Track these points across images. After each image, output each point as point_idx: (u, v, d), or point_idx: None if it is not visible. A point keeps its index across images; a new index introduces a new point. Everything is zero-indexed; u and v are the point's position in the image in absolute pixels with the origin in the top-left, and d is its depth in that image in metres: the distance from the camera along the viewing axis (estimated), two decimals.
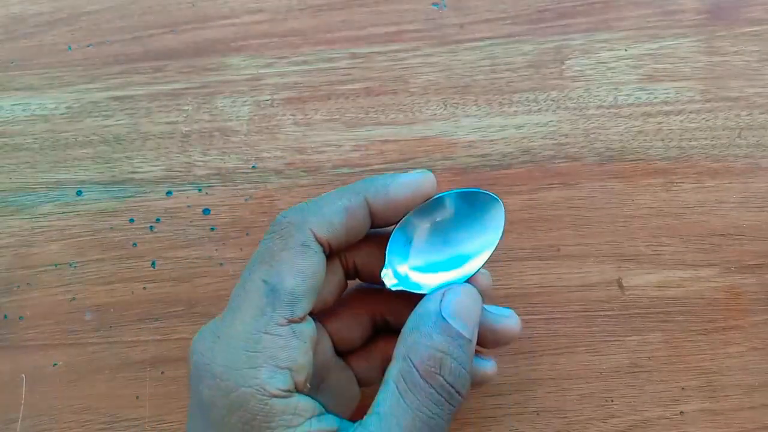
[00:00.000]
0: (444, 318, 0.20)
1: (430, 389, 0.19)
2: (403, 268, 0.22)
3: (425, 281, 0.22)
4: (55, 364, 0.29)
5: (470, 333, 0.20)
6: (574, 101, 0.30)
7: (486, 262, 0.22)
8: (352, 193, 0.21)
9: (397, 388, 0.19)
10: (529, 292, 0.28)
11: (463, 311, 0.20)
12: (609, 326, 0.28)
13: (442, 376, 0.19)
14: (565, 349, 0.28)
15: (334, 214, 0.21)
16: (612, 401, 0.28)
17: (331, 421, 0.19)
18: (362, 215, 0.21)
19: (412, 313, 0.21)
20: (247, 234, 0.30)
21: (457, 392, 0.20)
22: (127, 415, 0.29)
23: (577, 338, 0.28)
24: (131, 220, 0.30)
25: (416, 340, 0.20)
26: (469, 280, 0.22)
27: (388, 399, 0.19)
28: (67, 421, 0.29)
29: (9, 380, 0.29)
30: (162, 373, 0.29)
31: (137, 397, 0.29)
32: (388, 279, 0.22)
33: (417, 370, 0.19)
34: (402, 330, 0.21)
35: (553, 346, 0.28)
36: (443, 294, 0.21)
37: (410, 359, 0.19)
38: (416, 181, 0.21)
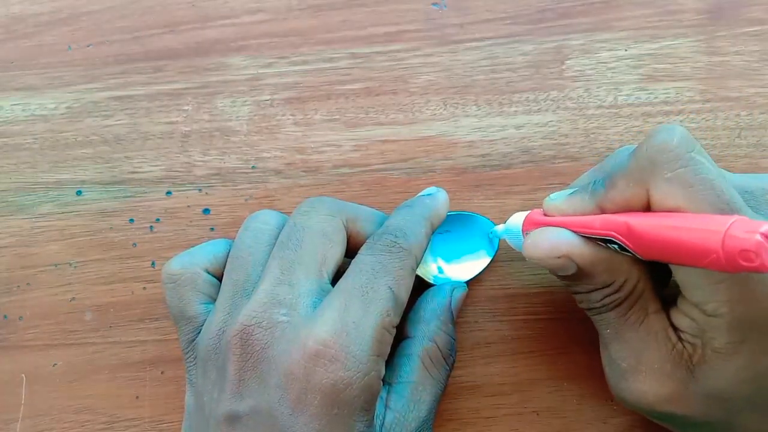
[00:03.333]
0: (452, 311, 0.26)
1: (447, 366, 0.25)
2: (435, 264, 0.28)
3: (450, 274, 0.28)
4: (55, 364, 0.29)
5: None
6: (574, 101, 0.30)
7: (483, 271, 0.28)
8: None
9: (423, 363, 0.25)
10: (529, 292, 0.28)
11: (459, 308, 0.27)
12: None
13: (452, 356, 0.26)
14: (565, 349, 0.28)
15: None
16: (612, 401, 0.28)
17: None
18: None
19: (428, 301, 0.26)
20: None
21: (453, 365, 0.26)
22: (127, 415, 0.29)
23: (577, 338, 0.28)
24: (131, 220, 0.30)
25: (438, 327, 0.25)
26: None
27: (417, 371, 0.24)
28: (67, 421, 0.29)
29: (9, 380, 0.29)
30: (162, 373, 0.29)
31: (137, 397, 0.29)
32: (432, 272, 0.28)
33: (440, 351, 0.25)
34: (418, 313, 0.26)
35: (553, 346, 0.28)
36: (452, 291, 0.27)
37: (436, 342, 0.25)
38: (447, 199, 0.27)
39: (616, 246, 0.21)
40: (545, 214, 0.24)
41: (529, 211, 0.25)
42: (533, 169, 0.29)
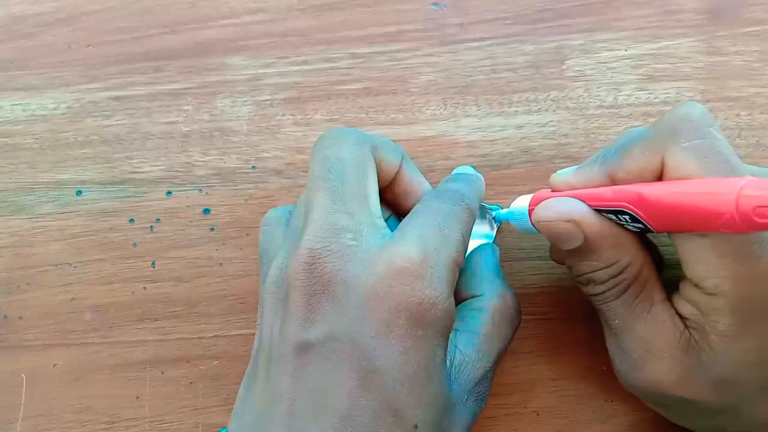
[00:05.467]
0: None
1: (516, 322, 0.25)
2: None
3: None
4: (55, 364, 0.29)
5: None
6: (574, 101, 0.30)
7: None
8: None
9: (493, 318, 0.24)
10: (529, 292, 0.28)
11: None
12: None
13: (519, 314, 0.25)
14: (565, 349, 0.28)
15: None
16: (612, 401, 0.28)
17: None
18: None
19: (482, 261, 0.26)
20: (247, 234, 0.30)
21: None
22: (127, 415, 0.29)
23: (577, 338, 0.28)
24: (131, 220, 0.30)
25: (501, 284, 0.25)
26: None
27: (487, 324, 0.24)
28: (67, 421, 0.29)
29: (9, 380, 0.29)
30: (162, 373, 0.29)
31: (137, 397, 0.29)
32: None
33: (510, 308, 0.25)
34: (477, 273, 0.26)
35: (553, 346, 0.28)
36: (494, 250, 0.27)
37: (505, 299, 0.25)
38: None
39: (627, 217, 0.21)
40: (553, 190, 0.24)
41: (533, 194, 0.25)
42: (533, 169, 0.29)
